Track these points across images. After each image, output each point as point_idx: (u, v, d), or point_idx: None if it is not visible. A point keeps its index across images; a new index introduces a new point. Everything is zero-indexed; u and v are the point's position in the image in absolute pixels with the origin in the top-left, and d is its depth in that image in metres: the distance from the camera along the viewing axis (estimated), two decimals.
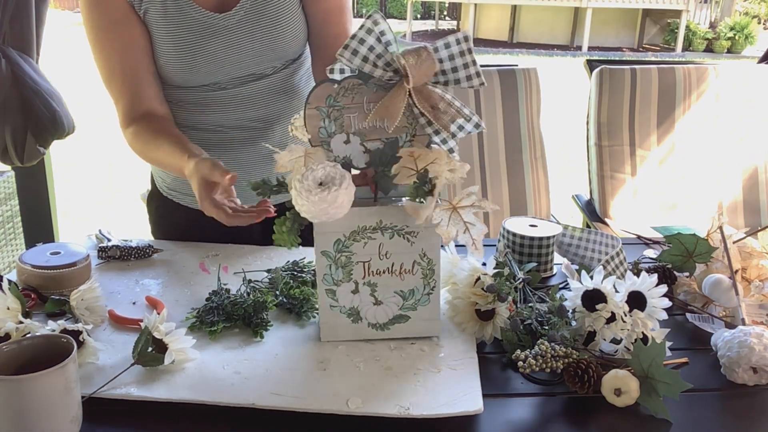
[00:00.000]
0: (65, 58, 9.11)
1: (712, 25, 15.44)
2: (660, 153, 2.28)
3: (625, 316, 0.95)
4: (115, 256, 1.25)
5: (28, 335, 0.90)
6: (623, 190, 2.27)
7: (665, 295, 0.96)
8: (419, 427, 0.83)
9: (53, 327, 0.91)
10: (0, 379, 0.72)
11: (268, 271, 1.17)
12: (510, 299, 1.01)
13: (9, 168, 2.15)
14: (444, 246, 1.06)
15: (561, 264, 1.23)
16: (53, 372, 0.73)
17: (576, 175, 4.28)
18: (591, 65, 2.32)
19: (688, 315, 1.13)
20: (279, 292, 1.09)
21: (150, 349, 0.91)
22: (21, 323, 0.93)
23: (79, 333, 0.90)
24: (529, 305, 1.04)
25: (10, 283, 1.00)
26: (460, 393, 0.87)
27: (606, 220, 2.26)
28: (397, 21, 18.14)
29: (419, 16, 19.17)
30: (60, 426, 0.75)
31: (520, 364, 0.91)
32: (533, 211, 2.22)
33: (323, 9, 1.26)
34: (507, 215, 2.17)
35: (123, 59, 1.19)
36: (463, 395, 0.86)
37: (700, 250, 1.17)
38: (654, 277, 0.97)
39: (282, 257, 1.25)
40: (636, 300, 0.97)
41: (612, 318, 0.95)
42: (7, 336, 0.90)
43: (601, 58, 4.31)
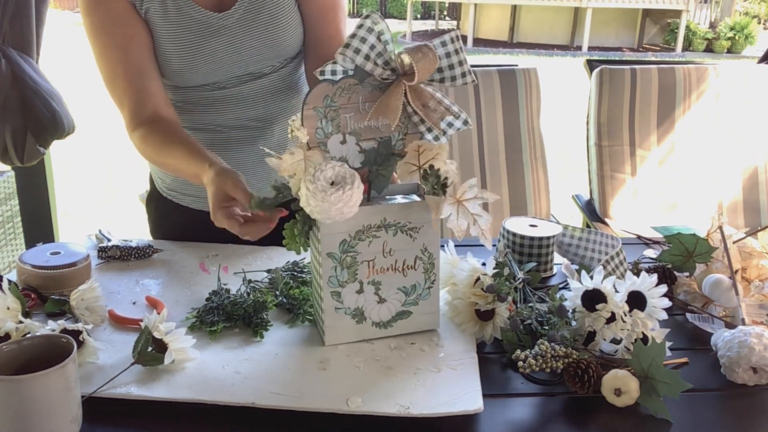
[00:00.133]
0: (65, 58, 9.11)
1: (712, 25, 15.44)
2: (660, 153, 2.28)
3: (625, 316, 0.94)
4: (115, 256, 1.25)
5: (28, 335, 0.90)
6: (623, 190, 2.27)
7: (665, 295, 0.96)
8: (419, 427, 0.83)
9: (53, 327, 0.91)
10: (0, 379, 0.72)
11: (268, 271, 1.17)
12: (510, 299, 1.01)
13: (9, 168, 2.15)
14: (443, 246, 1.06)
15: (561, 264, 1.23)
16: (53, 372, 0.73)
17: (576, 175, 4.28)
18: (591, 65, 2.32)
19: (688, 315, 1.13)
20: (279, 292, 1.09)
21: (150, 349, 0.91)
22: (21, 323, 0.93)
23: (79, 333, 0.90)
24: (529, 305, 1.04)
25: (10, 283, 1.00)
26: (460, 392, 0.87)
27: (606, 220, 2.26)
28: (397, 21, 18.14)
29: (419, 16, 19.17)
30: (60, 426, 0.75)
31: (520, 364, 0.91)
32: (533, 211, 2.22)
33: (318, 8, 1.26)
34: (507, 215, 2.17)
35: (126, 58, 1.17)
36: (463, 395, 0.86)
37: (700, 250, 1.17)
38: (654, 277, 0.97)
39: (282, 257, 1.25)
40: (636, 300, 0.97)
41: (612, 318, 0.95)
42: (7, 336, 0.90)
43: (601, 58, 4.31)
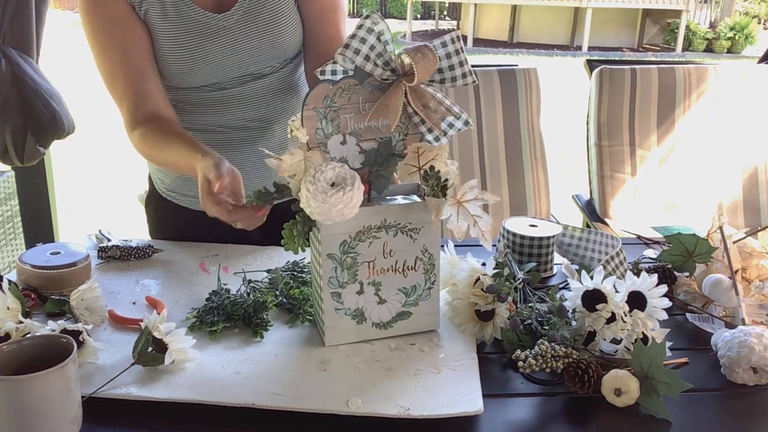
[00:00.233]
0: (65, 58, 9.11)
1: (712, 25, 15.43)
2: (660, 153, 2.28)
3: (625, 316, 0.94)
4: (115, 256, 1.25)
5: (28, 335, 0.90)
6: (623, 190, 2.27)
7: (665, 295, 0.96)
8: (419, 428, 0.83)
9: (53, 327, 0.91)
10: (0, 379, 0.72)
11: (268, 271, 1.17)
12: (510, 299, 1.01)
13: (9, 168, 2.15)
14: (443, 247, 1.06)
15: (561, 264, 1.23)
16: (53, 372, 0.73)
17: (576, 175, 4.27)
18: (591, 65, 2.32)
19: (688, 315, 1.13)
20: (279, 292, 1.09)
21: (150, 349, 0.91)
22: (21, 323, 0.93)
23: (79, 333, 0.90)
24: (529, 305, 1.04)
25: (10, 283, 1.00)
26: (460, 393, 0.87)
27: (606, 220, 2.26)
28: (397, 21, 18.13)
29: (419, 16, 19.17)
30: (60, 426, 0.75)
31: (520, 364, 0.91)
32: (533, 211, 2.22)
33: (318, 8, 1.26)
34: (507, 215, 2.17)
35: (125, 58, 1.17)
36: (463, 396, 0.86)
37: (700, 250, 1.17)
38: (654, 277, 0.97)
39: (282, 257, 1.25)
40: (636, 300, 0.97)
41: (612, 318, 0.94)
42: (7, 336, 0.90)
43: (601, 58, 4.31)
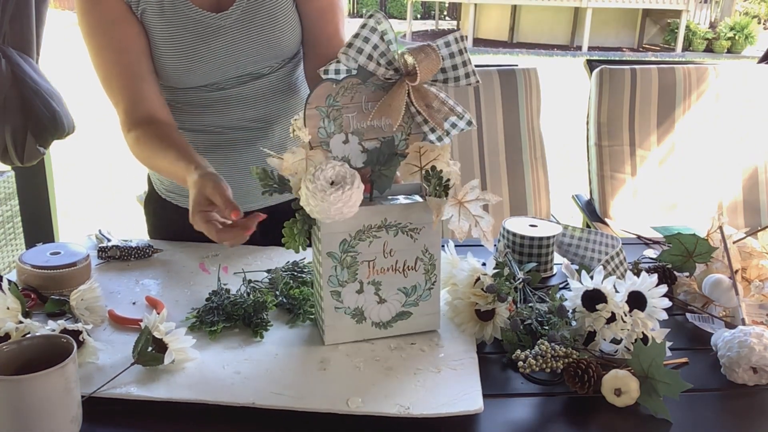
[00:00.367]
0: (65, 58, 9.10)
1: (712, 25, 15.44)
2: (660, 153, 2.28)
3: (625, 316, 0.94)
4: (115, 256, 1.25)
5: (28, 335, 0.90)
6: (623, 190, 2.27)
7: (665, 295, 0.96)
8: (419, 427, 0.83)
9: (53, 327, 0.91)
10: (0, 379, 0.72)
11: (268, 271, 1.17)
12: (510, 299, 1.01)
13: (9, 168, 2.15)
14: (444, 246, 1.06)
15: (561, 264, 1.23)
16: (53, 372, 0.73)
17: (576, 175, 4.27)
18: (591, 65, 2.32)
19: (688, 315, 1.13)
20: (279, 292, 1.09)
21: (150, 349, 0.91)
22: (21, 323, 0.93)
23: (79, 333, 0.90)
24: (529, 305, 1.04)
25: (10, 283, 1.00)
26: (460, 393, 0.87)
27: (606, 220, 2.26)
28: (397, 21, 18.13)
29: (419, 16, 19.17)
30: (60, 426, 0.75)
31: (520, 364, 0.91)
32: (533, 211, 2.22)
33: (317, 7, 1.26)
34: (507, 215, 2.17)
35: (121, 61, 1.18)
36: (464, 395, 0.86)
37: (700, 250, 1.17)
38: (654, 277, 0.97)
39: (282, 257, 1.25)
40: (636, 300, 0.97)
41: (612, 318, 0.94)
42: (7, 336, 0.90)
43: (601, 58, 4.31)
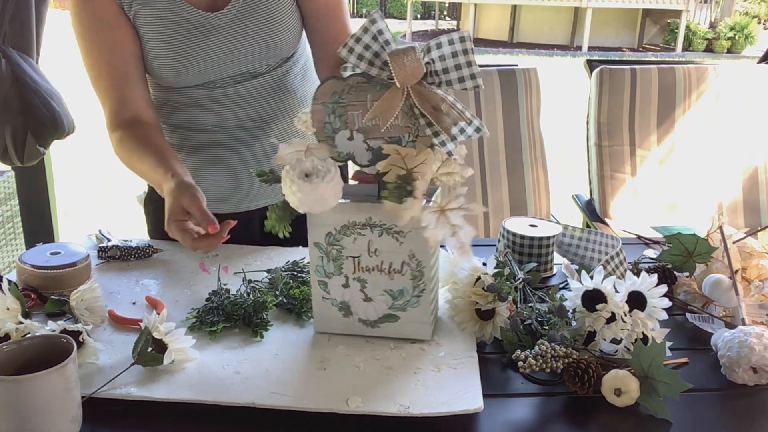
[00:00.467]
0: (65, 58, 9.09)
1: (712, 25, 15.44)
2: (660, 153, 2.28)
3: (625, 316, 0.94)
4: (115, 256, 1.25)
5: (28, 335, 0.90)
6: (623, 190, 2.27)
7: (665, 295, 0.96)
8: (419, 427, 0.83)
9: (53, 327, 0.91)
10: (0, 379, 0.72)
11: (268, 271, 1.17)
12: (510, 299, 1.01)
13: (9, 168, 2.15)
14: (444, 246, 1.06)
15: (561, 264, 1.23)
16: (53, 372, 0.73)
17: (576, 175, 4.27)
18: (591, 65, 2.32)
19: (688, 315, 1.13)
20: (279, 292, 1.09)
21: (150, 349, 0.91)
22: (21, 323, 0.93)
23: (79, 333, 0.90)
24: (529, 305, 1.04)
25: (10, 283, 1.00)
26: (460, 392, 0.87)
27: (606, 220, 2.26)
28: (397, 21, 18.13)
29: (419, 16, 19.16)
30: (60, 426, 0.75)
31: (520, 364, 0.91)
32: (533, 211, 2.22)
33: (323, 5, 1.26)
34: (507, 215, 2.17)
35: (110, 61, 1.19)
36: (464, 394, 0.86)
37: (700, 250, 1.17)
38: (654, 277, 0.97)
39: (282, 257, 1.25)
40: (636, 300, 0.97)
41: (612, 318, 0.94)
42: (7, 336, 0.90)
43: (601, 58, 4.32)
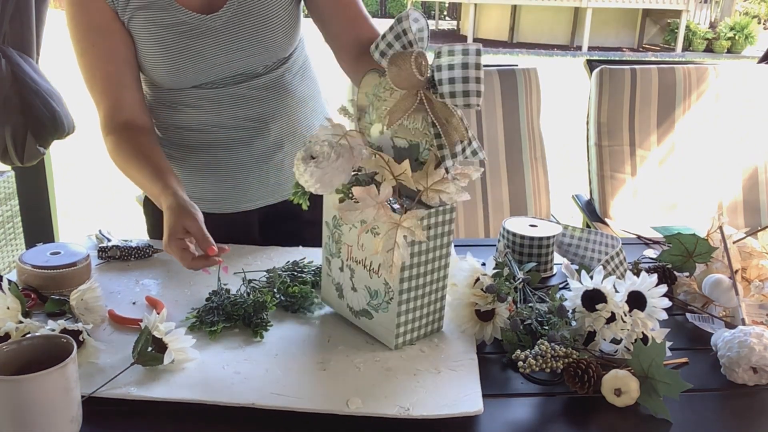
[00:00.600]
0: (65, 58, 9.10)
1: (712, 25, 15.45)
2: (660, 153, 2.28)
3: (625, 316, 0.95)
4: (116, 256, 1.25)
5: (28, 335, 0.90)
6: (623, 190, 2.27)
7: (665, 295, 0.96)
8: (419, 428, 0.83)
9: (53, 327, 0.91)
10: (0, 379, 0.72)
11: (268, 271, 1.17)
12: (510, 299, 1.01)
13: (9, 168, 2.15)
14: None
15: (561, 264, 1.23)
16: (53, 372, 0.73)
17: (576, 175, 4.28)
18: (591, 65, 2.32)
19: (688, 315, 1.13)
20: (276, 290, 1.09)
21: (150, 349, 0.91)
22: (21, 323, 0.93)
23: (79, 333, 0.91)
24: (529, 305, 1.04)
25: (10, 283, 1.00)
26: (460, 394, 0.87)
27: (606, 220, 2.26)
28: None
29: None
30: (60, 426, 0.75)
31: (520, 364, 0.91)
32: (533, 211, 2.22)
33: None
34: (507, 215, 2.17)
35: (104, 66, 1.20)
36: (463, 396, 0.86)
37: (700, 250, 1.17)
38: (654, 277, 0.97)
39: (282, 257, 1.25)
40: (636, 300, 0.97)
41: (612, 318, 0.95)
42: (7, 336, 0.90)
43: (601, 58, 4.31)
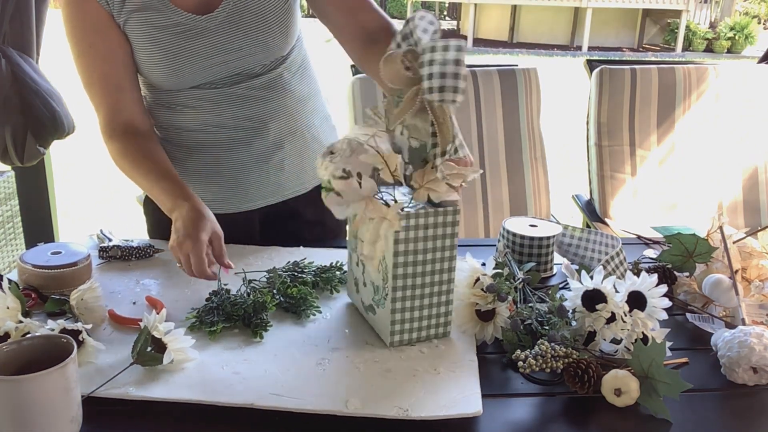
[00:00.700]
0: (65, 58, 9.10)
1: (712, 25, 15.45)
2: (660, 153, 2.28)
3: (625, 316, 0.95)
4: (116, 256, 1.25)
5: (28, 335, 0.90)
6: (623, 190, 2.27)
7: (665, 295, 0.96)
8: (418, 429, 0.83)
9: (53, 327, 0.91)
10: (0, 379, 0.72)
11: (268, 272, 1.17)
12: (510, 299, 1.01)
13: (9, 168, 2.15)
14: None
15: (561, 264, 1.23)
16: (53, 372, 0.73)
17: (576, 175, 4.27)
18: (591, 65, 2.32)
19: (688, 315, 1.13)
20: (276, 290, 1.09)
21: (149, 349, 0.91)
22: (21, 323, 0.93)
23: (79, 333, 0.91)
24: (529, 305, 1.04)
25: (10, 283, 1.00)
26: (459, 395, 0.87)
27: (606, 220, 2.26)
28: (397, 21, 18.07)
29: None
30: (60, 426, 0.75)
31: (520, 364, 0.92)
32: (533, 211, 2.22)
33: None
34: (507, 215, 2.17)
35: (101, 68, 1.20)
36: (463, 397, 0.86)
37: (700, 250, 1.17)
38: (654, 277, 0.97)
39: (282, 257, 1.25)
40: (636, 300, 0.97)
41: (612, 318, 0.95)
42: (7, 336, 0.90)
43: (601, 58, 4.30)
